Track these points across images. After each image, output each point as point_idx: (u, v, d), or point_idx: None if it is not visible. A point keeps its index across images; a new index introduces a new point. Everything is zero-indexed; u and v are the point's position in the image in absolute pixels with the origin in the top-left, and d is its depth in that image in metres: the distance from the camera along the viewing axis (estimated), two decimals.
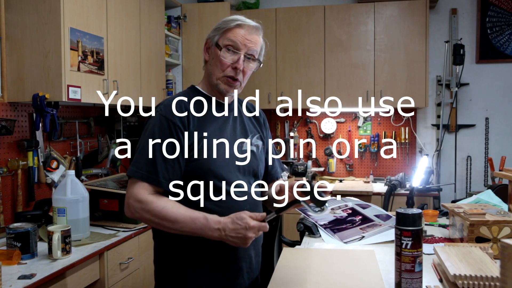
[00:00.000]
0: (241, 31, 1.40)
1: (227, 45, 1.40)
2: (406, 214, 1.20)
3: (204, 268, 1.39)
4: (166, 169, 1.32)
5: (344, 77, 3.99)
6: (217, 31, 1.43)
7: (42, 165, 2.52)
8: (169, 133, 1.34)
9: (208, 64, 1.46)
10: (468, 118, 4.18)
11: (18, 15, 2.27)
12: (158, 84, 3.32)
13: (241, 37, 1.40)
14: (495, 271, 1.20)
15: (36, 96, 2.23)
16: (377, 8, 3.92)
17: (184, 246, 1.38)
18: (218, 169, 1.37)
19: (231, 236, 1.24)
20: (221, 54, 1.40)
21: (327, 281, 1.32)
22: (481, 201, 2.11)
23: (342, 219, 1.97)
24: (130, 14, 2.90)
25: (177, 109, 1.37)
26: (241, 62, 1.40)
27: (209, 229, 1.26)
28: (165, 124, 1.34)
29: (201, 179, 1.36)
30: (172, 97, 1.42)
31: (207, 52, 1.47)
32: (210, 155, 1.37)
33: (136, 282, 2.38)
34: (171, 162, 1.33)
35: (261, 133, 1.57)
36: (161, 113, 1.36)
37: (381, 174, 4.31)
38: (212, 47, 1.44)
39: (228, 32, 1.41)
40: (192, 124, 1.37)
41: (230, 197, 1.40)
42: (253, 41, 1.42)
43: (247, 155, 1.47)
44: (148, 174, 1.31)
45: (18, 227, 1.88)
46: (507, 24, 4.06)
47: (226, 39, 1.40)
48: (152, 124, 1.36)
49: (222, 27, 1.42)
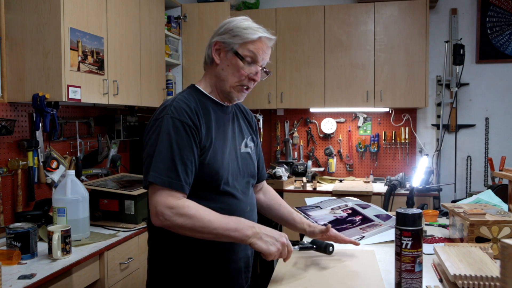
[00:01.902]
0: (261, 44, 1.40)
1: (247, 56, 1.39)
2: (406, 214, 1.20)
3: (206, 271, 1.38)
4: (186, 173, 1.30)
5: (344, 77, 3.99)
6: (236, 38, 1.39)
7: (42, 165, 2.52)
8: (186, 137, 1.31)
9: (219, 69, 1.42)
10: (468, 118, 4.18)
11: (18, 15, 2.27)
12: (158, 84, 3.32)
13: (261, 51, 1.40)
14: (495, 271, 1.20)
15: (36, 96, 2.23)
16: (377, 8, 3.92)
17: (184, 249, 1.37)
18: (225, 171, 1.38)
19: (265, 235, 1.27)
20: (243, 66, 1.39)
21: (327, 281, 1.32)
22: (481, 201, 2.11)
23: (342, 219, 1.97)
24: (130, 14, 2.90)
25: (188, 111, 1.34)
26: (259, 75, 1.42)
27: (243, 227, 1.28)
28: (181, 127, 1.31)
29: (208, 182, 1.36)
30: (178, 98, 1.38)
31: (218, 55, 1.42)
32: (218, 158, 1.37)
33: (136, 282, 2.38)
34: (189, 165, 1.31)
35: (253, 134, 1.59)
36: (174, 116, 1.32)
37: (381, 174, 4.31)
38: (229, 53, 1.40)
39: (250, 43, 1.39)
40: (203, 127, 1.36)
41: (233, 199, 1.41)
42: (268, 53, 1.43)
43: (244, 157, 1.49)
44: (170, 180, 1.27)
45: (18, 227, 1.88)
46: (507, 24, 4.06)
47: (247, 50, 1.38)
48: (166, 127, 1.31)
49: (243, 36, 1.38)
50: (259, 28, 1.41)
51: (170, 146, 1.29)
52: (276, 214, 1.65)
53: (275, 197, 1.69)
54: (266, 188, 1.71)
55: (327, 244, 1.52)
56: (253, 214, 1.50)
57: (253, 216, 1.49)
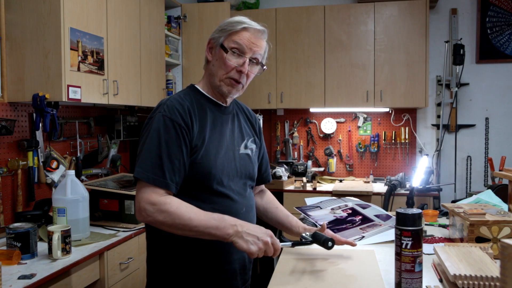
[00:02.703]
0: (247, 34, 1.40)
1: (233, 48, 1.39)
2: (406, 214, 1.20)
3: (200, 271, 1.38)
4: (173, 171, 1.30)
5: (344, 77, 3.99)
6: (222, 32, 1.41)
7: (42, 165, 2.52)
8: (175, 135, 1.31)
9: (211, 65, 1.44)
10: (468, 118, 4.18)
11: (18, 15, 2.27)
12: (158, 84, 3.32)
13: (247, 41, 1.39)
14: (495, 271, 1.20)
15: (36, 96, 2.23)
16: (377, 8, 3.92)
17: (178, 248, 1.37)
18: (218, 172, 1.37)
19: (246, 234, 1.25)
20: (227, 57, 1.38)
21: (327, 281, 1.32)
22: (481, 201, 2.11)
23: (342, 219, 1.97)
24: (130, 14, 2.90)
25: (180, 110, 1.34)
26: (246, 66, 1.40)
27: (224, 226, 1.25)
28: (170, 125, 1.32)
29: (201, 182, 1.36)
30: (173, 98, 1.40)
31: (210, 52, 1.45)
32: (212, 158, 1.37)
33: (136, 282, 2.38)
34: (177, 164, 1.31)
35: (255, 136, 1.58)
36: (165, 114, 1.33)
37: (381, 174, 4.31)
38: (217, 48, 1.42)
39: (234, 34, 1.39)
40: (196, 126, 1.36)
41: (228, 200, 1.40)
42: (258, 45, 1.41)
43: (243, 158, 1.48)
44: (155, 177, 1.28)
45: (18, 227, 1.88)
46: (507, 24, 4.06)
47: (231, 42, 1.39)
48: (156, 125, 1.33)
49: (228, 29, 1.40)
50: (246, 20, 1.41)
51: (159, 143, 1.30)
52: (273, 217, 1.64)
53: (271, 200, 1.68)
54: (263, 191, 1.70)
55: (326, 238, 1.44)
56: (249, 216, 1.48)
57: (249, 218, 1.47)
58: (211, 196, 1.37)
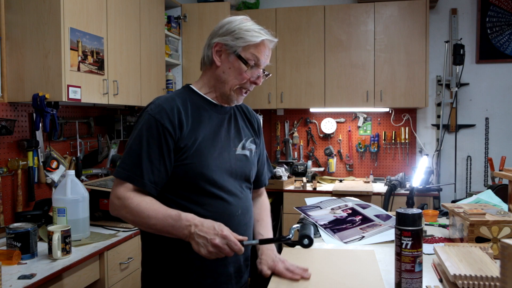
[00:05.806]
0: (265, 48, 1.38)
1: (250, 59, 1.36)
2: (406, 214, 1.20)
3: (193, 273, 1.36)
4: (152, 171, 1.29)
5: (344, 77, 3.99)
6: (238, 40, 1.35)
7: (42, 165, 2.52)
8: (157, 135, 1.30)
9: (220, 71, 1.39)
10: (468, 118, 4.18)
11: (18, 15, 2.27)
12: (158, 84, 3.32)
13: (264, 55, 1.38)
14: (495, 271, 1.20)
15: (36, 96, 2.23)
16: (377, 8, 3.92)
17: (172, 250, 1.35)
18: (210, 172, 1.34)
19: (197, 235, 1.20)
20: (245, 69, 1.36)
21: (327, 281, 1.32)
22: (481, 201, 2.11)
23: (342, 219, 1.97)
24: (130, 14, 2.90)
25: (168, 110, 1.32)
26: (261, 79, 1.40)
27: (179, 226, 1.22)
28: (153, 125, 1.30)
29: (192, 183, 1.33)
30: (164, 97, 1.38)
31: (218, 56, 1.39)
32: (203, 159, 1.34)
33: (136, 282, 2.37)
34: (157, 164, 1.29)
35: (255, 137, 1.54)
36: (151, 113, 1.32)
37: (381, 174, 4.31)
38: (231, 56, 1.37)
39: (253, 47, 1.36)
40: (186, 126, 1.33)
41: (221, 201, 1.37)
42: (269, 56, 1.41)
43: (240, 159, 1.44)
44: (132, 175, 1.28)
45: (18, 227, 1.88)
46: (507, 24, 4.06)
47: (250, 54, 1.36)
48: (141, 123, 1.32)
49: (246, 39, 1.35)
50: (261, 30, 1.38)
51: (140, 142, 1.30)
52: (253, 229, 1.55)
53: (259, 212, 1.60)
54: (259, 196, 1.65)
55: (302, 235, 1.39)
56: (245, 218, 1.44)
57: (245, 220, 1.44)
58: (204, 197, 1.35)
